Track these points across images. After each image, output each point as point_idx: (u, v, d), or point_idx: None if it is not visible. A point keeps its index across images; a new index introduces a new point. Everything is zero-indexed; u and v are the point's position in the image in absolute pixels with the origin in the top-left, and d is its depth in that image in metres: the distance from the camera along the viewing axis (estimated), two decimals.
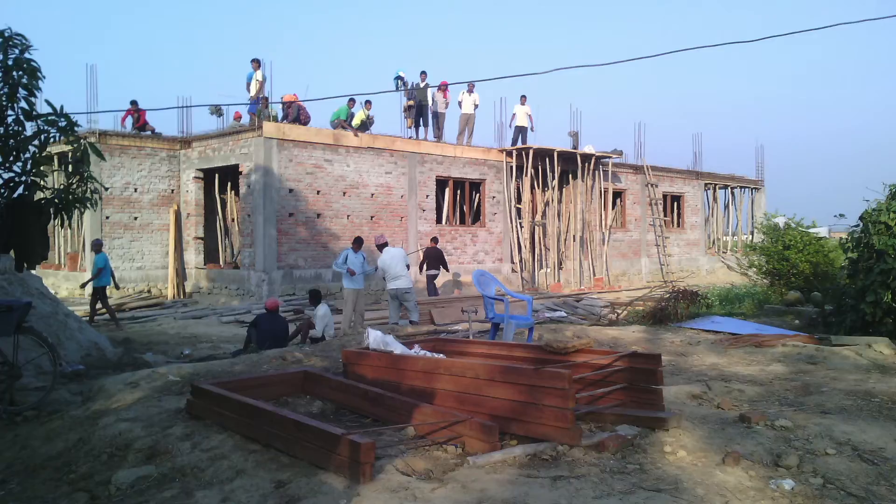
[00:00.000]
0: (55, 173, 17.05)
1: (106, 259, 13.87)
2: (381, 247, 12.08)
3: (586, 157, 22.96)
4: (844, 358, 7.26)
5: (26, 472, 4.49)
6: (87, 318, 13.09)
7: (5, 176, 7.90)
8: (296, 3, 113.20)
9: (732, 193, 30.70)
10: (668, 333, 9.44)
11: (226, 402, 4.70)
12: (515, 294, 11.67)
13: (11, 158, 7.80)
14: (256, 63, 17.91)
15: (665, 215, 27.05)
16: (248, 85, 17.98)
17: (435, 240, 17.25)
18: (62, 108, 7.76)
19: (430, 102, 20.18)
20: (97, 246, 14.14)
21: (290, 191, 17.07)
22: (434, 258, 16.57)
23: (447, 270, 17.13)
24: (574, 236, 23.00)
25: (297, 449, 4.01)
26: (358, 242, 12.28)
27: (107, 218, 17.93)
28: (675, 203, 28.35)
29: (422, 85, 19.93)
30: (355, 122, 18.58)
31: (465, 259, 20.52)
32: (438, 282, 17.07)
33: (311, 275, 17.38)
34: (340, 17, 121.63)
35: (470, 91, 20.81)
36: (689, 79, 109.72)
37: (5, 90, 7.61)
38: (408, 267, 11.97)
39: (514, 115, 21.95)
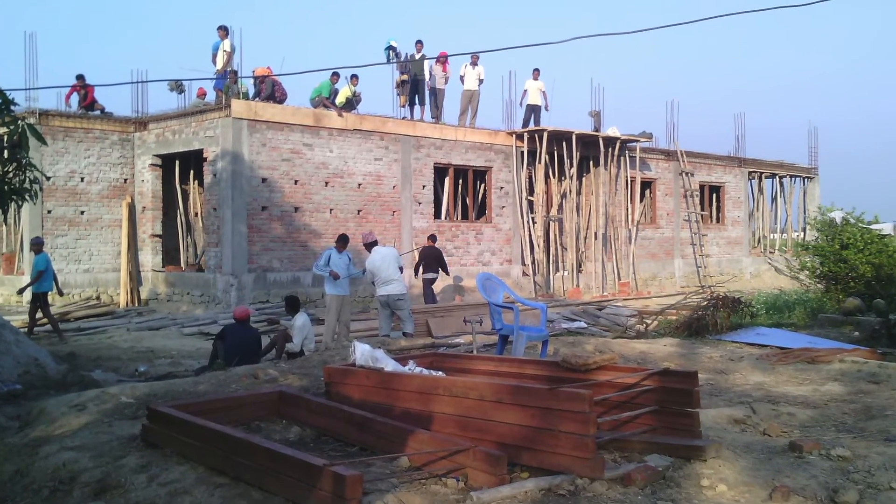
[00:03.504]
0: None
1: (48, 260, 13.88)
2: (370, 246, 12.10)
3: (610, 142, 22.97)
4: None
5: None
6: (26, 329, 13.09)
7: None
8: None
9: (781, 183, 30.72)
10: (706, 347, 9.46)
11: (188, 427, 4.70)
12: (527, 301, 11.68)
13: None
14: (224, 31, 17.92)
15: (702, 209, 27.08)
16: (215, 57, 17.99)
17: (433, 238, 17.25)
18: None
19: (426, 77, 20.19)
20: (37, 245, 14.16)
21: (264, 180, 17.08)
22: (432, 259, 16.58)
23: (447, 273, 17.14)
24: (595, 234, 23.02)
25: (270, 482, 4.01)
26: (342, 241, 12.30)
27: (48, 212, 17.94)
28: (714, 195, 28.37)
29: (417, 56, 19.94)
30: (339, 99, 18.60)
31: (467, 260, 20.52)
32: (437, 286, 17.08)
33: (287, 279, 17.39)
34: None
35: (473, 64, 20.82)
36: (729, 51, 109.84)
37: None
38: (401, 269, 11.99)
39: (525, 91, 21.96)
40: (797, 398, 6.58)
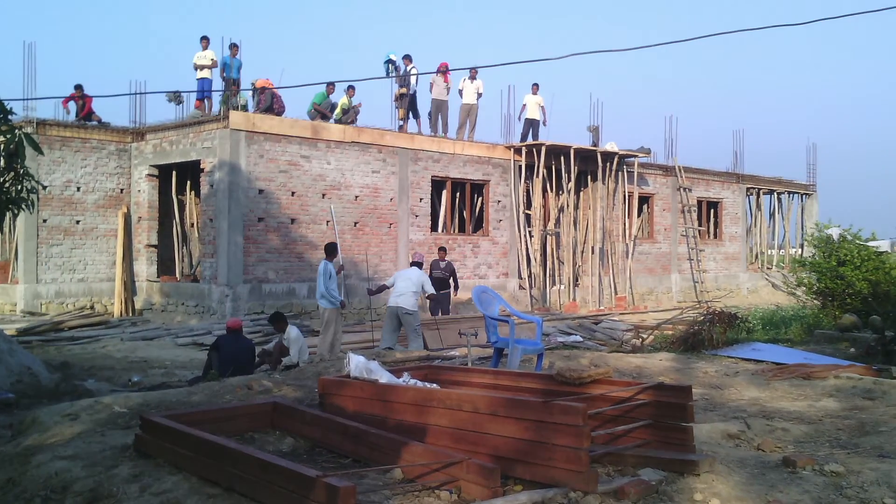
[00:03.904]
0: None
1: None
2: (413, 264, 13.12)
3: (608, 156, 23.06)
4: None
5: None
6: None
7: None
8: None
9: (779, 200, 30.84)
10: (702, 362, 9.47)
11: (181, 437, 4.70)
12: (523, 314, 11.70)
13: None
14: (206, 41, 18.36)
15: (700, 224, 27.15)
16: (223, 70, 18.12)
17: (443, 250, 16.92)
18: None
19: (412, 90, 20.10)
20: None
21: (261, 191, 17.11)
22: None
23: (456, 287, 16.73)
24: (593, 248, 23.06)
25: (263, 493, 4.01)
26: (331, 251, 12.22)
27: (44, 221, 17.94)
28: (712, 210, 28.45)
29: (410, 70, 19.92)
30: (336, 111, 18.69)
31: (464, 273, 20.52)
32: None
33: (282, 290, 17.39)
34: None
35: (472, 78, 20.90)
36: (728, 67, 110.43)
37: None
38: (425, 292, 12.27)
39: (523, 106, 22.05)
40: (792, 414, 6.59)
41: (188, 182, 19.92)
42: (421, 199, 19.91)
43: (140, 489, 4.34)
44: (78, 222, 18.53)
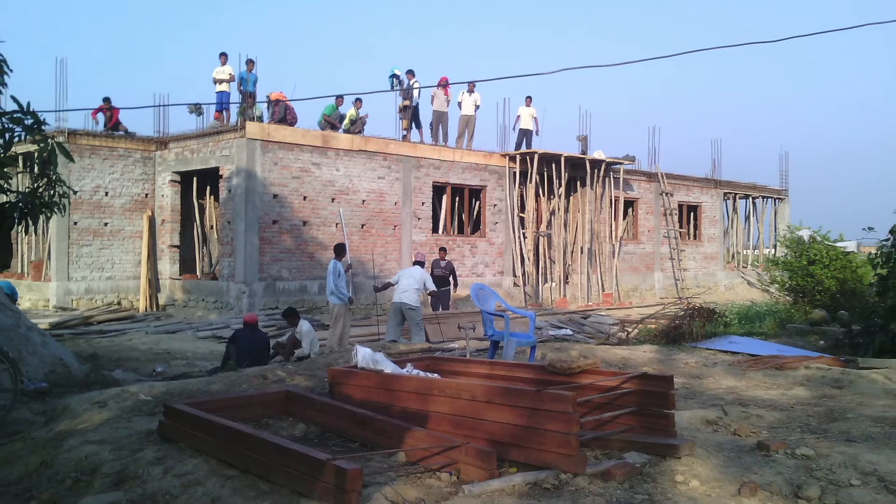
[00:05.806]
0: (20, 175, 17.07)
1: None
2: (415, 262, 12.87)
3: (596, 164, 23.05)
4: (872, 382, 7.28)
5: None
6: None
7: None
8: None
9: (754, 204, 30.83)
10: (683, 354, 9.46)
11: (201, 423, 4.70)
12: (517, 310, 11.70)
13: None
14: (224, 57, 18.30)
15: (681, 227, 27.14)
16: (240, 84, 18.11)
17: (443, 250, 16.94)
18: (29, 104, 7.80)
19: (414, 102, 20.09)
20: None
21: (275, 196, 17.11)
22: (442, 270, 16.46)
23: (456, 284, 16.77)
24: (582, 248, 23.05)
25: (277, 475, 4.02)
26: (340, 251, 12.18)
27: (75, 223, 17.94)
28: (692, 213, 28.45)
29: (413, 83, 19.93)
30: (345, 121, 18.69)
31: (463, 272, 20.51)
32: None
33: (295, 287, 17.38)
34: (331, 11, 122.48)
35: (470, 91, 20.88)
36: (707, 81, 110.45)
37: None
38: (427, 289, 12.18)
39: (518, 117, 22.03)
40: (766, 401, 6.59)
41: (208, 187, 19.91)
42: (423, 203, 19.90)
43: (163, 471, 4.35)
44: (106, 224, 18.53)
